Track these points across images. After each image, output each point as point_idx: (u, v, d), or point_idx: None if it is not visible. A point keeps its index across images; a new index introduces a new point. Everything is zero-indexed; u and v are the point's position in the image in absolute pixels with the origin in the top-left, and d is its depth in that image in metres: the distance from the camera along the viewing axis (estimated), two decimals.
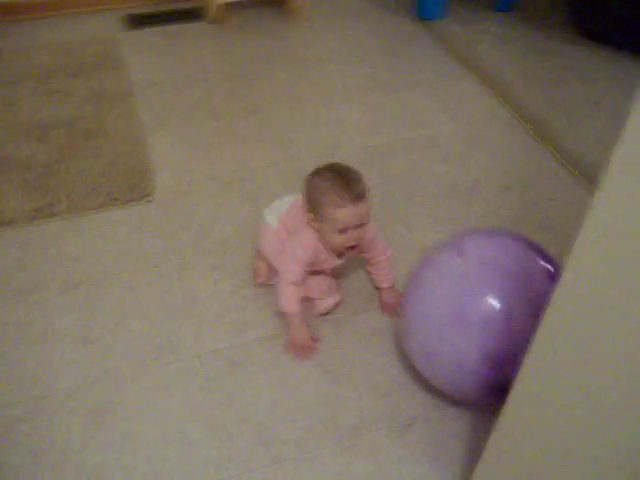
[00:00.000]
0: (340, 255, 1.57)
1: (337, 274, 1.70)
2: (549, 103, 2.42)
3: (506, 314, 1.23)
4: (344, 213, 1.40)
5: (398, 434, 1.42)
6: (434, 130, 2.29)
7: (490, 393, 1.29)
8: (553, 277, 1.25)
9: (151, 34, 2.73)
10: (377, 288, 1.70)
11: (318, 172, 1.46)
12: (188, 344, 1.57)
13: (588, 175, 2.11)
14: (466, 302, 1.25)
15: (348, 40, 2.78)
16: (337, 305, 1.65)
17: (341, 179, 1.41)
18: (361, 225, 1.44)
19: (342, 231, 1.43)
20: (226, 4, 2.82)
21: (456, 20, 2.91)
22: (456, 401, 1.46)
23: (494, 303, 1.23)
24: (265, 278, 1.70)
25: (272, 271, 1.67)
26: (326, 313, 1.64)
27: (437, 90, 2.49)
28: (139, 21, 2.81)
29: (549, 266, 1.29)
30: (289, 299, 1.55)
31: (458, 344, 1.25)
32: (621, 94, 2.49)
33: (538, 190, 2.06)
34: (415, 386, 1.51)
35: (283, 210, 1.60)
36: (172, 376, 1.51)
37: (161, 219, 1.90)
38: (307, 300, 1.62)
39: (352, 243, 1.47)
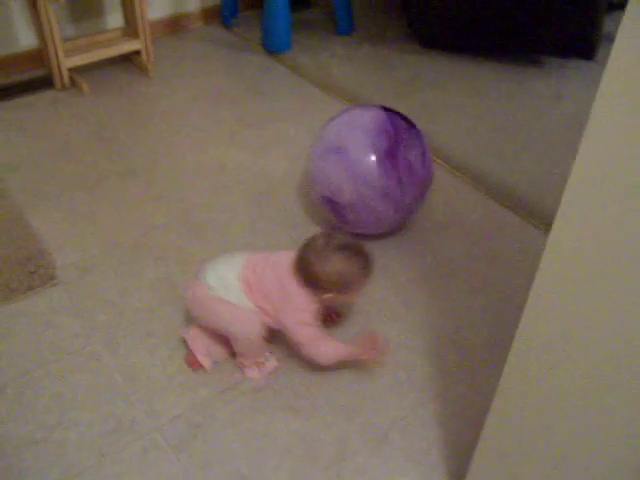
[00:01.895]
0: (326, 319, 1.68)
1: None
2: (411, 112, 2.58)
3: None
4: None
5: (377, 449, 1.45)
6: None
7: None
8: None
9: (0, 110, 2.57)
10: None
11: (338, 253, 1.47)
12: (143, 420, 1.50)
13: (462, 170, 2.28)
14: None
15: (206, 85, 2.79)
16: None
17: (365, 259, 1.52)
18: None
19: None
20: (74, 68, 2.72)
21: (303, 49, 3.02)
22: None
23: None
24: (207, 358, 1.60)
25: (217, 341, 1.60)
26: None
27: (305, 116, 2.57)
28: None
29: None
30: (335, 351, 1.52)
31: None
32: (467, 94, 2.72)
33: (433, 197, 2.20)
34: (379, 397, 1.55)
35: (239, 271, 1.52)
36: (138, 457, 1.43)
37: (73, 300, 1.79)
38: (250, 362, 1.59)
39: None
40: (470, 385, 1.60)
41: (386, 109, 1.88)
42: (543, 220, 2.07)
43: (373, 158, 1.78)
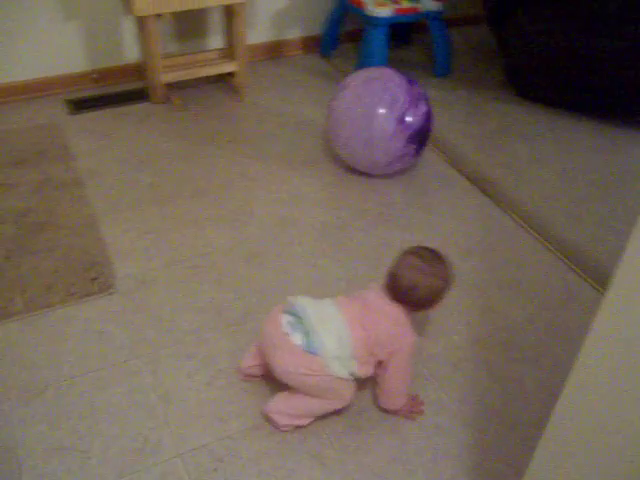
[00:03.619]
0: None
1: None
2: (496, 162, 2.50)
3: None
4: None
5: None
6: (387, 199, 2.32)
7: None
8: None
9: (96, 118, 2.69)
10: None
11: (430, 272, 1.47)
12: (168, 444, 1.49)
13: (544, 232, 2.18)
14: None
15: (294, 113, 2.81)
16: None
17: (450, 268, 1.52)
18: None
19: None
20: (170, 84, 2.82)
21: None
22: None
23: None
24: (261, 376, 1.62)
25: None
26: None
27: None
28: (83, 105, 2.77)
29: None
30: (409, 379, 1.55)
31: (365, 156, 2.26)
32: (561, 151, 2.61)
33: (499, 251, 2.11)
34: (410, 461, 1.48)
35: (348, 338, 1.44)
36: None
37: (126, 311, 1.82)
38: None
39: None
40: (509, 463, 1.50)
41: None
42: None
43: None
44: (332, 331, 1.43)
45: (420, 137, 2.25)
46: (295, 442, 1.51)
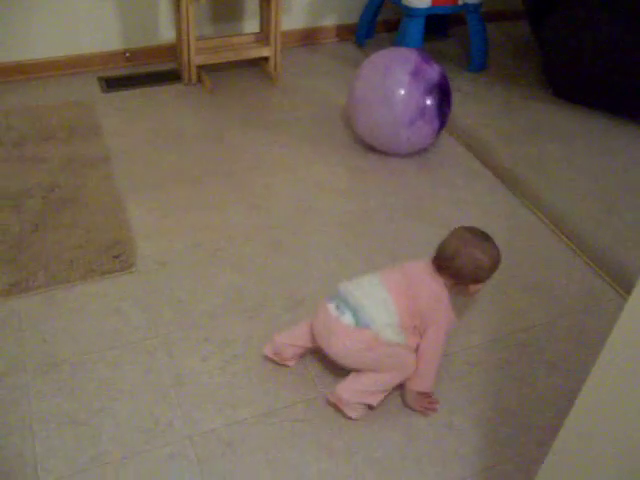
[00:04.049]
0: None
1: None
2: (526, 161, 2.46)
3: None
4: None
5: None
6: (413, 192, 2.29)
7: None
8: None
9: (127, 97, 2.70)
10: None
11: (474, 244, 1.51)
12: (179, 425, 1.50)
13: (570, 234, 2.13)
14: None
15: (325, 101, 2.79)
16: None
17: (499, 252, 1.55)
18: None
19: None
20: (202, 66, 2.82)
21: None
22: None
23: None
24: (286, 359, 1.63)
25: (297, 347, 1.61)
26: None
27: None
28: (115, 84, 2.78)
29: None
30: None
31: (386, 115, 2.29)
32: (594, 152, 2.55)
33: (522, 251, 2.07)
34: (419, 458, 1.46)
35: (392, 305, 1.50)
36: (163, 461, 1.43)
37: (144, 291, 1.83)
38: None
39: None
40: (519, 466, 1.48)
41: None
42: None
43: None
44: (378, 302, 1.49)
45: (438, 92, 2.30)
46: (305, 432, 1.51)
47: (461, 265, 1.51)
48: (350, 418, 1.53)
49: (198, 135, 2.51)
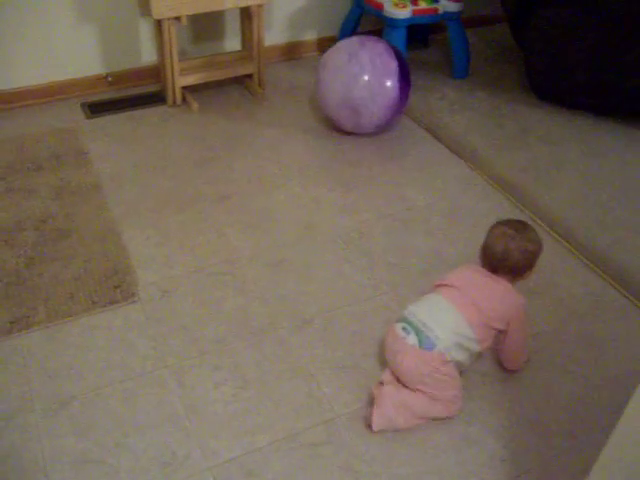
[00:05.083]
0: None
1: None
2: (516, 166, 2.47)
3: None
4: None
5: None
6: (410, 203, 2.29)
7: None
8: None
9: (112, 121, 2.67)
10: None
11: (519, 237, 1.55)
12: (197, 457, 1.47)
13: (569, 237, 2.15)
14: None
15: (310, 116, 2.78)
16: None
17: (536, 232, 1.60)
18: None
19: None
20: (187, 86, 2.79)
21: (414, 89, 2.95)
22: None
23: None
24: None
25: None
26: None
27: (406, 157, 2.51)
28: (99, 108, 2.74)
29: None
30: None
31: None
32: (581, 154, 2.57)
33: None
34: (441, 472, 1.45)
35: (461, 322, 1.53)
36: None
37: (149, 320, 1.80)
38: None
39: None
40: (541, 474, 1.48)
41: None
42: None
43: None
44: (445, 321, 1.52)
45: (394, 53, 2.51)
46: (326, 455, 1.49)
47: (515, 261, 1.55)
48: (369, 426, 1.52)
49: (187, 156, 2.49)
